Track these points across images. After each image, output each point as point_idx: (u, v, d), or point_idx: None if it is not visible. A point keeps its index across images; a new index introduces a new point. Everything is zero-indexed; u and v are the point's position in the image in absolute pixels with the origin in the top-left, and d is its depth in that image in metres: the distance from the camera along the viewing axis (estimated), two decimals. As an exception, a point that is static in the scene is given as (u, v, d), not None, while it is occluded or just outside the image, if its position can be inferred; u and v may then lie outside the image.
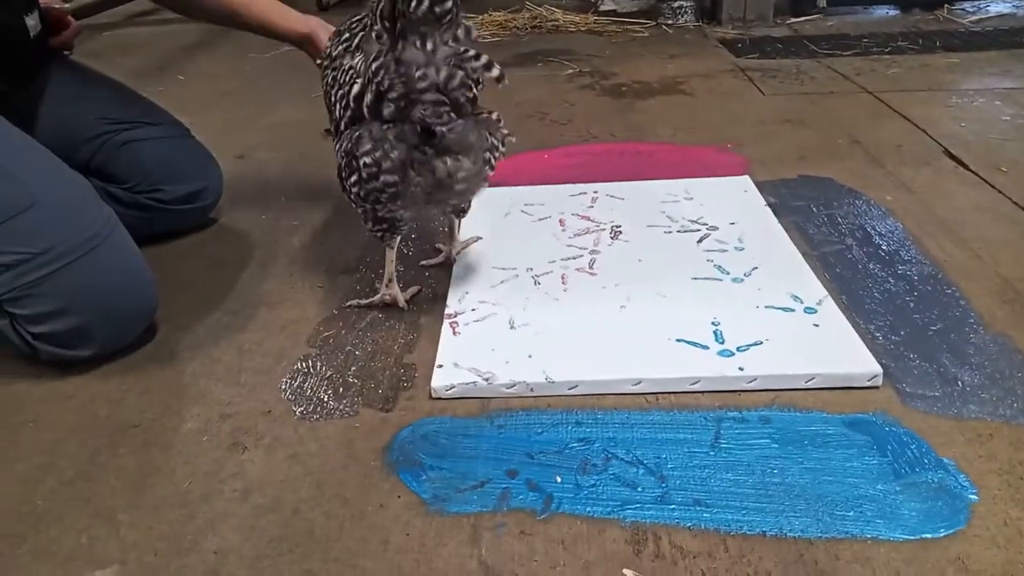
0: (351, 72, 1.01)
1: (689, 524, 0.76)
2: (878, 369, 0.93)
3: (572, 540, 0.75)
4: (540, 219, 1.37)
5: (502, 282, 1.17)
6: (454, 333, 1.06)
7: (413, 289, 1.18)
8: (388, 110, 0.96)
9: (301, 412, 0.95)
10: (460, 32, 0.92)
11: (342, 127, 1.03)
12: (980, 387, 0.93)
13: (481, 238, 1.30)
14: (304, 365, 1.04)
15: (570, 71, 2.39)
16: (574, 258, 1.23)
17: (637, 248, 1.26)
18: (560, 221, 1.36)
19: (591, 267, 1.20)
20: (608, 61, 2.49)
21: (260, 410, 0.96)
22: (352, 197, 1.04)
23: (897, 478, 0.80)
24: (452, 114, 0.95)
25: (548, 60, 2.52)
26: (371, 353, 1.05)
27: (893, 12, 3.01)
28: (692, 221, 1.33)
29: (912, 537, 0.74)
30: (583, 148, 1.76)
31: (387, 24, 0.90)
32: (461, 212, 1.18)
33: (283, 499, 0.82)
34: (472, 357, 1.00)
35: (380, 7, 0.90)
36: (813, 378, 0.94)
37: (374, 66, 0.93)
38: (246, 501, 0.82)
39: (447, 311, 1.11)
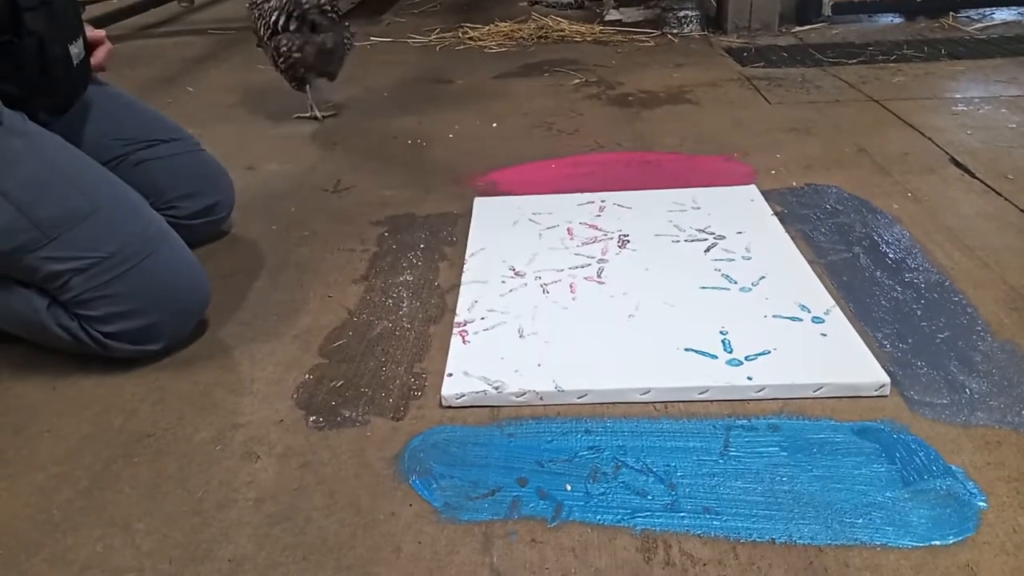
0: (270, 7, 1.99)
1: (699, 532, 0.77)
2: (886, 379, 0.94)
3: (583, 548, 0.76)
4: (548, 228, 1.38)
5: (511, 291, 1.18)
6: (464, 342, 1.07)
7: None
8: (292, 24, 1.97)
9: (313, 421, 0.96)
10: None
11: (266, 39, 2.01)
12: (988, 394, 0.93)
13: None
14: (315, 374, 1.05)
15: (576, 81, 2.41)
16: (582, 267, 1.24)
17: (645, 257, 1.27)
18: (568, 230, 1.37)
19: (599, 276, 1.21)
20: (614, 71, 2.51)
21: (272, 419, 0.97)
22: (284, 74, 2.05)
23: (906, 485, 0.81)
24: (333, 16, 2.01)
25: (554, 70, 2.54)
26: (381, 362, 1.06)
27: (898, 20, 3.02)
28: (699, 230, 1.34)
29: (921, 544, 0.74)
30: (590, 157, 1.77)
31: None
32: (331, 77, 2.13)
33: (296, 507, 0.83)
34: (482, 366, 1.01)
35: None
36: (821, 388, 0.94)
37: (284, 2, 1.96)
38: (259, 510, 0.83)
39: (456, 320, 1.12)
